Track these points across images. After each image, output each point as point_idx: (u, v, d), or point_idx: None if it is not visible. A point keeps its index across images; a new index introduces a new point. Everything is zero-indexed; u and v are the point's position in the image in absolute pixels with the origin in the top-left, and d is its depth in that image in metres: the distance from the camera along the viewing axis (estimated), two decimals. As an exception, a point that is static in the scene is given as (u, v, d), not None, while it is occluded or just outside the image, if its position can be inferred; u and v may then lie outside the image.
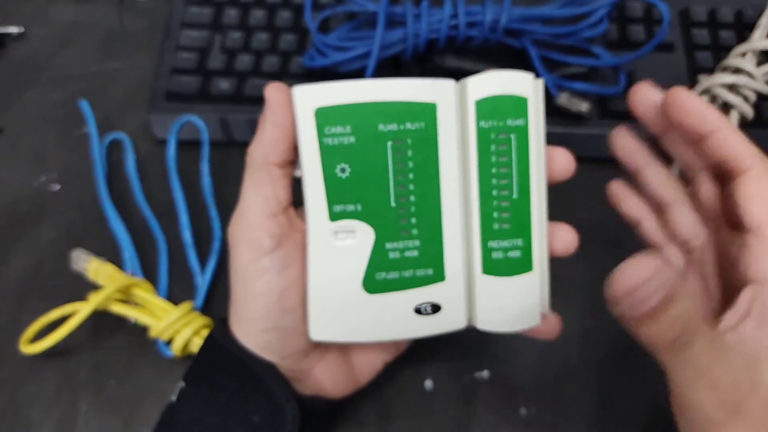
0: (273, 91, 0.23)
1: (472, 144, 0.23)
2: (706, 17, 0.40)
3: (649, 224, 0.27)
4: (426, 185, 0.23)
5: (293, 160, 0.24)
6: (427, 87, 0.23)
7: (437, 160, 0.23)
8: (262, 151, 0.24)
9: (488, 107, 0.23)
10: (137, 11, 0.43)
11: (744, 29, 0.39)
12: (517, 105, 0.23)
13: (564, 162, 0.25)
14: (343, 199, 0.23)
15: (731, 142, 0.23)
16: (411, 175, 0.23)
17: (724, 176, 0.23)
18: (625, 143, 0.27)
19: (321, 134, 0.23)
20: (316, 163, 0.23)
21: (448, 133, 0.23)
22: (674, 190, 0.26)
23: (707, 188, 0.25)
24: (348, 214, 0.23)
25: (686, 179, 0.26)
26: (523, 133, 0.23)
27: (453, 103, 0.23)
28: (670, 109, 0.24)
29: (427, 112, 0.23)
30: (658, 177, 0.26)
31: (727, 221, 0.24)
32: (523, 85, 0.23)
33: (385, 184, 0.23)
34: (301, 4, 0.40)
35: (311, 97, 0.23)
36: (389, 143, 0.23)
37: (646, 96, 0.25)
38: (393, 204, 0.23)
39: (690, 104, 0.23)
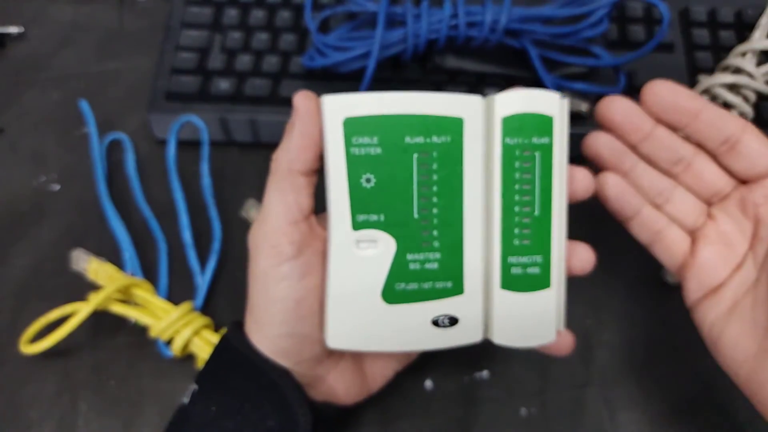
0: (302, 99, 0.23)
1: (497, 160, 0.23)
2: (706, 17, 0.40)
3: (649, 211, 0.27)
4: (449, 198, 0.23)
5: (318, 168, 0.24)
6: (454, 101, 0.23)
7: (461, 174, 0.23)
8: (288, 159, 0.24)
9: (514, 124, 0.23)
10: (137, 11, 0.43)
11: (744, 29, 0.39)
12: (543, 123, 0.23)
13: (585, 182, 0.25)
14: (367, 209, 0.23)
15: (721, 111, 0.26)
16: (435, 188, 0.23)
17: (721, 147, 0.26)
18: (613, 145, 0.27)
19: (348, 144, 0.23)
20: (342, 172, 0.23)
21: (474, 148, 0.23)
22: (668, 179, 0.27)
23: (711, 165, 0.27)
24: (371, 224, 0.23)
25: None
26: (547, 151, 0.23)
27: (480, 118, 0.23)
28: (662, 96, 0.26)
29: (453, 126, 0.23)
30: (649, 171, 0.27)
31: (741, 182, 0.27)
32: (549, 103, 0.23)
33: (409, 196, 0.23)
34: (301, 4, 0.40)
35: (340, 107, 0.23)
36: (415, 155, 0.23)
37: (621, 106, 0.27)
38: (416, 216, 0.23)
39: (678, 87, 0.26)
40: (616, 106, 0.26)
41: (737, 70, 0.35)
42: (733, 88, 0.34)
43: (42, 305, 0.31)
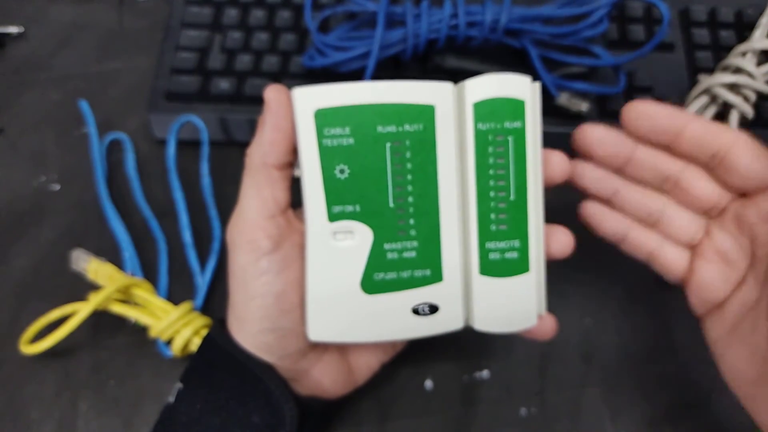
0: (272, 92, 0.23)
1: (470, 146, 0.23)
2: (706, 17, 0.40)
3: (638, 233, 0.27)
4: (424, 186, 0.23)
5: (292, 161, 0.24)
6: (425, 89, 0.23)
7: (435, 161, 0.23)
8: (261, 153, 0.24)
9: (486, 109, 0.23)
10: (137, 11, 0.43)
11: (744, 29, 0.39)
12: (515, 107, 0.23)
13: (561, 164, 0.25)
14: (342, 200, 0.23)
15: (707, 125, 0.24)
16: (409, 177, 0.23)
17: (712, 160, 0.25)
18: (593, 174, 0.27)
19: (320, 135, 0.23)
20: (316, 165, 0.23)
21: (446, 135, 0.23)
22: (659, 197, 0.27)
23: (701, 180, 0.26)
24: (347, 215, 0.23)
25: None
26: (520, 135, 0.23)
27: (451, 105, 0.23)
28: (639, 119, 0.25)
29: (425, 113, 0.23)
30: (638, 191, 0.27)
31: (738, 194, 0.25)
32: (520, 87, 0.23)
33: (384, 185, 0.23)
34: (301, 4, 0.40)
35: (311, 99, 0.23)
36: (388, 144, 0.23)
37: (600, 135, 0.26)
38: (391, 205, 0.23)
39: (655, 108, 0.25)
40: (589, 136, 0.26)
41: (737, 70, 0.35)
42: (733, 87, 0.34)
43: (42, 305, 0.31)
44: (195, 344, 0.30)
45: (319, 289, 0.24)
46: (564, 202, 0.28)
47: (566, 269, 0.28)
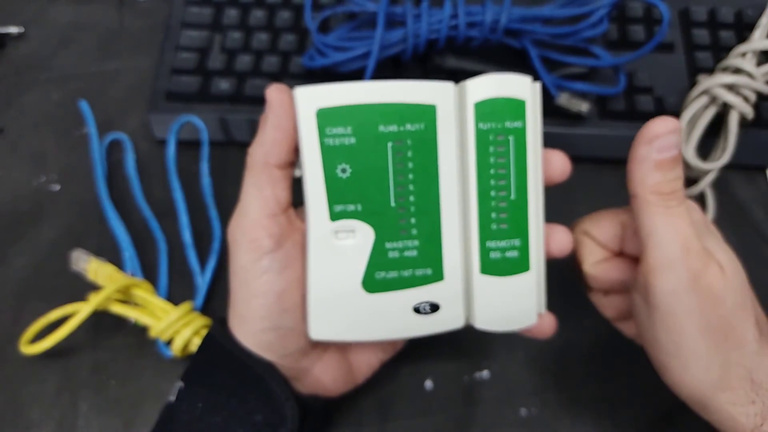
0: (274, 92, 0.23)
1: (471, 145, 0.23)
2: (706, 17, 0.40)
3: None
4: (425, 186, 0.23)
5: (293, 161, 0.24)
6: (426, 89, 0.23)
7: (436, 161, 0.23)
8: (263, 152, 0.24)
9: (487, 109, 0.23)
10: (137, 11, 0.43)
11: (744, 29, 0.39)
12: (516, 107, 0.23)
13: (561, 164, 0.25)
14: (344, 199, 0.23)
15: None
16: (411, 176, 0.23)
17: None
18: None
19: (322, 135, 0.23)
20: (317, 164, 0.23)
21: (448, 135, 0.23)
22: None
23: None
24: (348, 214, 0.23)
25: None
26: (521, 135, 0.23)
27: (452, 104, 0.23)
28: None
29: (426, 113, 0.23)
30: None
31: None
32: (521, 87, 0.23)
33: (385, 185, 0.23)
34: (301, 4, 0.40)
35: (313, 99, 0.23)
36: (389, 144, 0.23)
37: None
38: (393, 204, 0.23)
39: None
40: None
41: (737, 70, 0.35)
42: (732, 88, 0.34)
43: (42, 305, 0.31)
44: (195, 344, 0.30)
45: (321, 288, 0.24)
46: (564, 202, 0.28)
47: (567, 268, 0.28)
